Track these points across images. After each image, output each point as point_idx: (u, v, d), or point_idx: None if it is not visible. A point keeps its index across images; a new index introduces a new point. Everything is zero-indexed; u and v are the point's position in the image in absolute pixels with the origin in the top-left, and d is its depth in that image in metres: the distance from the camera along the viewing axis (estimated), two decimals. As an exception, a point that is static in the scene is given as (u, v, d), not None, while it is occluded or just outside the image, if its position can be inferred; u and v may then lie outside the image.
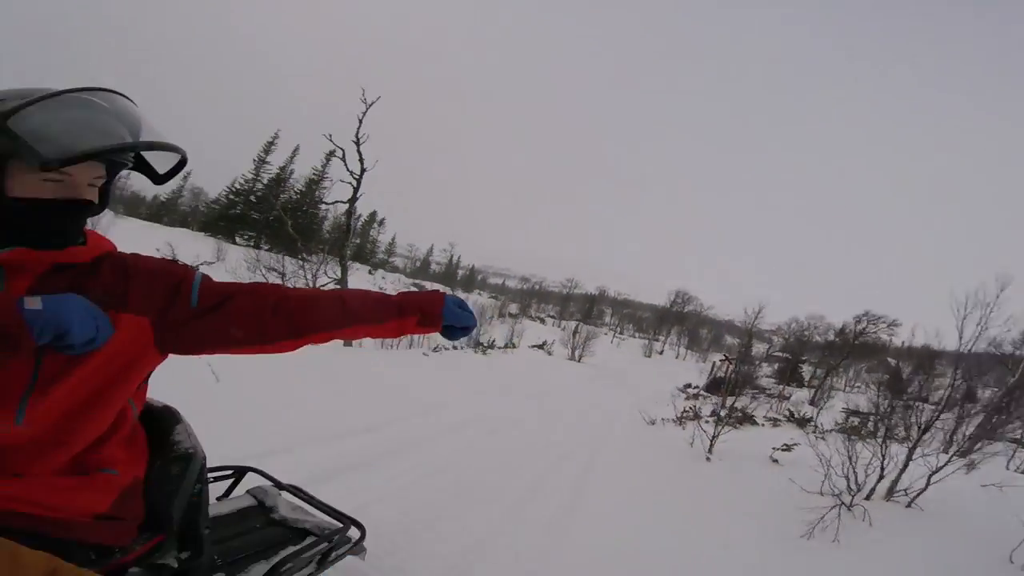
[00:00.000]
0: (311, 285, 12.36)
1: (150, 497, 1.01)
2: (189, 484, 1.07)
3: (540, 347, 20.76)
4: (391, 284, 33.00)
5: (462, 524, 2.96)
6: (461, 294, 37.08)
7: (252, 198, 34.32)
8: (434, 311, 1.13)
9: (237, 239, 31.95)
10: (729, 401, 10.94)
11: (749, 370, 19.79)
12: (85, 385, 0.86)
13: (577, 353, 24.40)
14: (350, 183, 11.42)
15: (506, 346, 17.52)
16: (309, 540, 1.40)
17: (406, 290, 1.20)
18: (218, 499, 1.53)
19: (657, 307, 70.26)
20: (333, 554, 1.40)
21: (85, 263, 0.90)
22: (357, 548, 1.51)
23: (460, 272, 75.61)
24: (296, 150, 36.45)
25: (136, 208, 38.43)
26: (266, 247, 27.10)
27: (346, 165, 11.33)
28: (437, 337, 14.52)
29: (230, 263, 15.92)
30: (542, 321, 46.81)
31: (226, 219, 33.72)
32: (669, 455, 6.34)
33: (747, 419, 9.57)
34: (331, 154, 11.75)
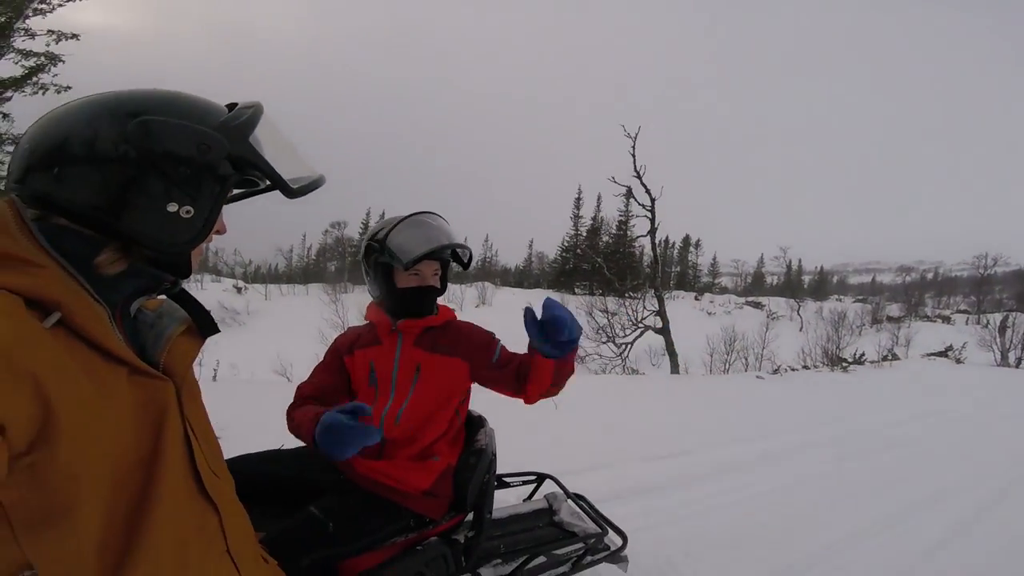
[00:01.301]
0: (635, 320, 13.06)
1: (456, 480, 1.39)
2: (480, 473, 1.40)
3: (942, 353, 15.28)
4: (720, 306, 31.14)
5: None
6: (812, 304, 31.21)
7: (578, 251, 39.23)
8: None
9: (576, 289, 36.50)
10: None
11: None
12: (430, 401, 1.37)
13: (1016, 356, 16.71)
14: (645, 216, 11.76)
15: (884, 359, 13.71)
16: (574, 542, 1.56)
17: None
18: (524, 500, 1.86)
19: None
20: (588, 558, 1.52)
21: (438, 326, 1.45)
22: (616, 557, 1.59)
23: (806, 278, 61.15)
24: (599, 199, 39.98)
25: (506, 279, 49.57)
26: (599, 292, 30.27)
27: (635, 200, 11.79)
28: (779, 356, 12.77)
29: (571, 311, 18.50)
30: (946, 320, 33.31)
31: (564, 274, 39.50)
32: None
33: None
34: (629, 193, 12.39)
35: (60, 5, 9.45)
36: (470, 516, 1.43)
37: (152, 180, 0.59)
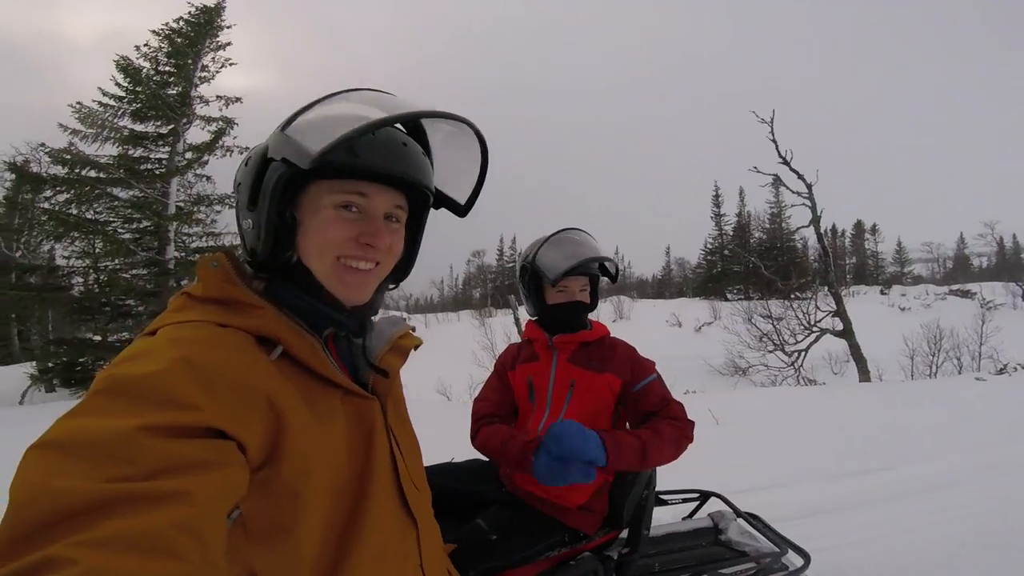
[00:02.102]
0: (807, 324, 11.46)
1: (612, 495, 1.34)
2: (639, 489, 1.34)
3: None
4: (916, 299, 25.80)
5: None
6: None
7: (726, 252, 35.99)
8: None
9: (728, 295, 33.28)
10: None
11: None
12: (584, 415, 1.36)
13: None
14: (804, 204, 10.35)
15: None
16: (744, 562, 1.40)
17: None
18: (684, 518, 1.72)
19: None
20: None
21: (593, 342, 1.47)
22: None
23: None
24: (742, 193, 36.24)
25: (643, 290, 47.70)
26: (756, 296, 27.29)
27: (787, 188, 10.45)
28: (1005, 353, 9.97)
29: (725, 319, 16.92)
30: None
31: (712, 279, 36.53)
32: None
33: None
34: (777, 181, 11.08)
35: (218, 72, 10.88)
36: (625, 532, 1.38)
37: (236, 206, 0.69)
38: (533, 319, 1.54)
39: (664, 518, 1.80)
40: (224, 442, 0.48)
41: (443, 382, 10.45)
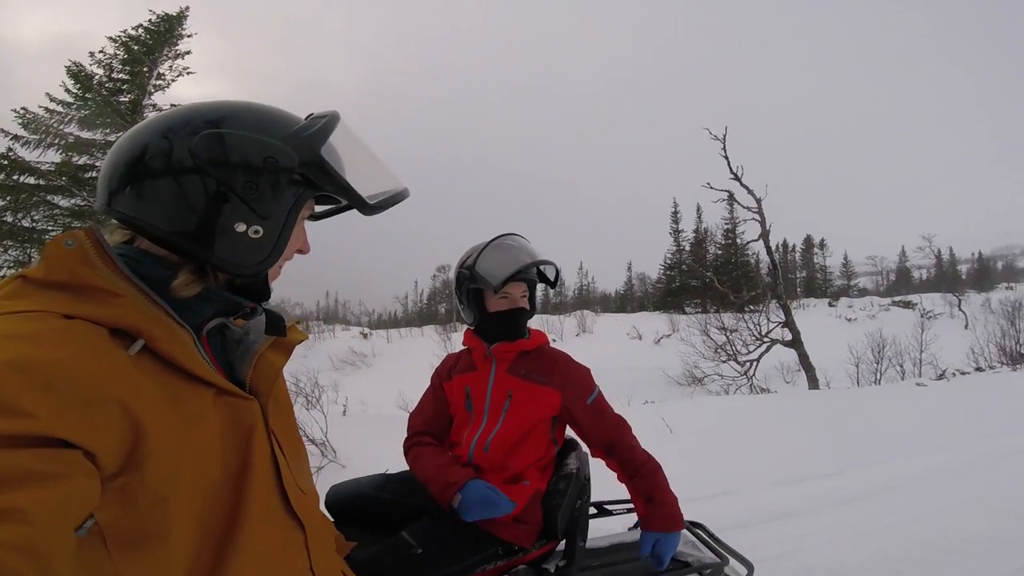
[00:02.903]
0: (758, 335, 11.89)
1: (545, 506, 1.32)
2: (572, 499, 1.32)
3: None
4: (861, 310, 27.27)
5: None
6: (976, 296, 25.92)
7: (684, 267, 37.13)
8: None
9: (687, 308, 34.12)
10: None
11: None
12: (521, 427, 1.35)
13: None
14: (754, 219, 10.82)
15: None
16: (686, 572, 1.40)
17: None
18: (630, 528, 1.69)
19: None
20: None
21: (532, 351, 1.44)
22: None
23: (962, 268, 51.36)
24: (699, 210, 37.54)
25: (606, 305, 48.49)
26: (713, 309, 27.99)
27: (740, 204, 10.92)
28: (943, 360, 10.70)
29: (683, 332, 17.36)
30: None
31: (671, 294, 37.53)
32: None
33: None
34: (731, 197, 11.56)
35: (174, 80, 10.51)
36: (563, 545, 1.36)
37: (220, 198, 0.57)
38: (471, 328, 1.50)
39: (615, 528, 1.78)
40: (65, 451, 0.43)
41: (404, 396, 10.23)
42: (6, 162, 8.73)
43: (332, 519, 1.41)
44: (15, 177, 8.81)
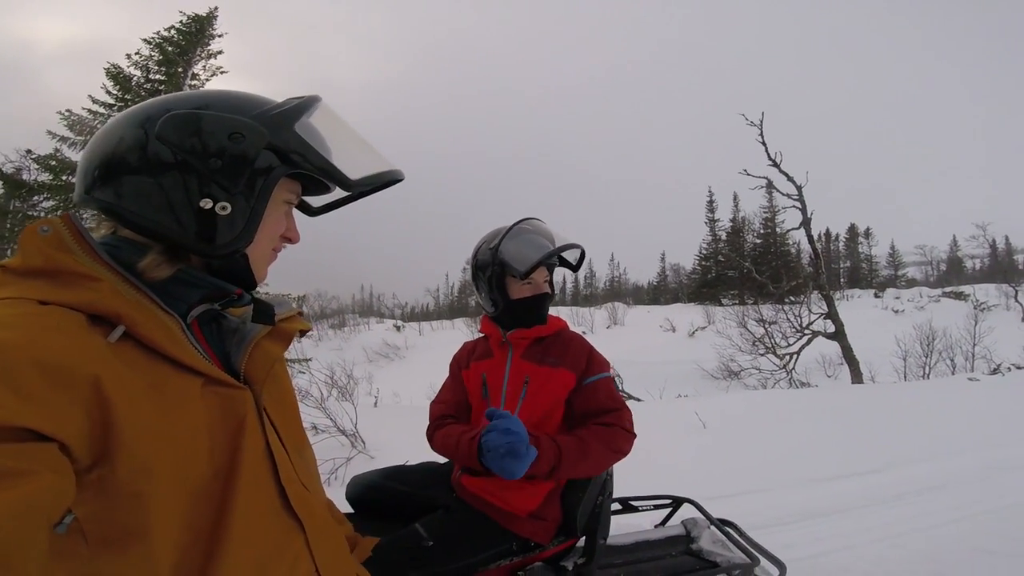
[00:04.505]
0: (798, 327, 11.49)
1: (564, 502, 1.29)
2: (592, 495, 1.29)
3: None
4: (909, 302, 25.89)
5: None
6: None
7: (720, 258, 36.05)
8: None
9: (723, 300, 32.93)
10: None
11: None
12: (539, 414, 1.32)
13: None
14: (795, 206, 10.41)
15: None
16: (715, 573, 1.35)
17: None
18: (656, 525, 1.66)
19: None
20: None
21: (549, 336, 1.42)
22: None
23: (1019, 258, 45.65)
24: (736, 198, 36.28)
25: (639, 296, 47.73)
26: (751, 300, 27.12)
27: (779, 192, 10.53)
28: (998, 354, 10.03)
29: (719, 324, 16.92)
30: None
31: (706, 284, 36.56)
32: None
33: None
34: (769, 185, 11.14)
35: (208, 80, 10.75)
36: (583, 542, 1.32)
37: (184, 175, 0.56)
38: (490, 315, 1.49)
39: (643, 524, 1.75)
40: (35, 445, 0.41)
41: (435, 388, 10.31)
42: (54, 163, 9.23)
43: (352, 511, 1.41)
44: (63, 177, 9.27)
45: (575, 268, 1.53)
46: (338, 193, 0.73)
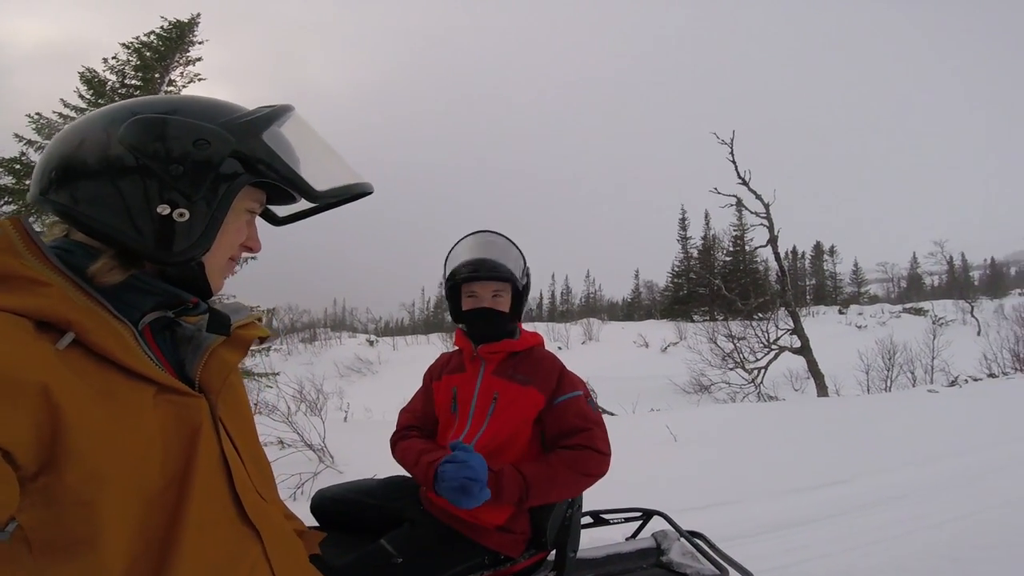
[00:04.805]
0: (766, 343, 11.78)
1: (533, 515, 1.27)
2: (561, 508, 1.28)
3: None
4: (871, 318, 26.91)
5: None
6: (988, 303, 25.52)
7: (692, 275, 36.84)
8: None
9: (695, 316, 33.24)
10: None
11: None
12: (507, 430, 1.30)
13: None
14: (762, 224, 10.76)
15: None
16: None
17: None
18: (628, 538, 1.65)
19: None
20: None
21: (521, 351, 1.39)
22: None
23: (975, 275, 49.71)
24: (707, 216, 37.20)
25: (613, 313, 48.23)
26: (721, 316, 27.68)
27: (748, 210, 10.89)
28: (955, 366, 10.51)
29: (690, 340, 17.20)
30: None
31: (678, 301, 37.20)
32: None
33: None
34: (739, 203, 11.49)
35: (184, 87, 10.46)
36: (553, 555, 1.31)
37: (144, 180, 0.54)
38: (460, 328, 1.47)
39: (614, 537, 1.73)
40: None
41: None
42: (18, 166, 8.80)
43: (317, 524, 1.37)
44: (27, 181, 8.95)
45: (521, 290, 1.43)
46: (305, 204, 0.72)
